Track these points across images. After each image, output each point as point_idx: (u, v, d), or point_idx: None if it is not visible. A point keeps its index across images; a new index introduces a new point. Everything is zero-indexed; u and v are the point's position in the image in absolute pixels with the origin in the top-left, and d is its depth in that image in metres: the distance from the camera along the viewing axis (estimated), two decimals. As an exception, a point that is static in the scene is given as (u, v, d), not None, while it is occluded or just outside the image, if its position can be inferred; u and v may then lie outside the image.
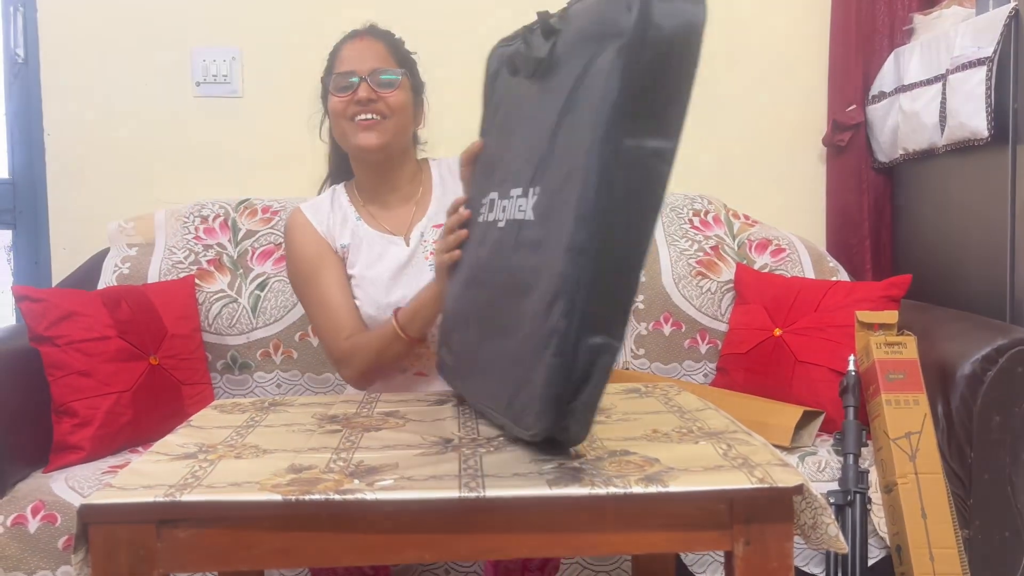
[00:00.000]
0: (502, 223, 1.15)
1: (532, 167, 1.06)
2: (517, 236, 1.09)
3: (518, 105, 1.19)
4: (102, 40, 2.52)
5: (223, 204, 2.37)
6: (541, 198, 1.03)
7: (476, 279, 1.24)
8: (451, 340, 1.33)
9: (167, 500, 0.93)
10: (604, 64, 0.92)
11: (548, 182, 1.02)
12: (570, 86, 0.98)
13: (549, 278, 0.96)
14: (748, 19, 2.63)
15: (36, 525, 1.67)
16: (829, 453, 1.86)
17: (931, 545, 1.66)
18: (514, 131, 1.18)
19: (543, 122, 1.04)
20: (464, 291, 1.28)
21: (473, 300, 1.24)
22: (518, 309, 1.04)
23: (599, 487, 0.94)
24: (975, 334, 1.84)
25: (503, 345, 1.10)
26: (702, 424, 1.21)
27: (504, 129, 1.24)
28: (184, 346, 2.09)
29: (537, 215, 1.04)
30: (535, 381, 0.98)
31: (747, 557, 0.96)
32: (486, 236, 1.22)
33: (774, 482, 0.95)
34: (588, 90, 0.95)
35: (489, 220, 1.21)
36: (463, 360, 1.28)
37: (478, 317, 1.21)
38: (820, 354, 2.06)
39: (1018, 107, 1.93)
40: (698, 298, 2.32)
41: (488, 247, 1.20)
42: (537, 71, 1.08)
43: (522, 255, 1.07)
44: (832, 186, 2.62)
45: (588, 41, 0.96)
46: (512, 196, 1.12)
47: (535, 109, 1.08)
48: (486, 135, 1.34)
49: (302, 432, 1.22)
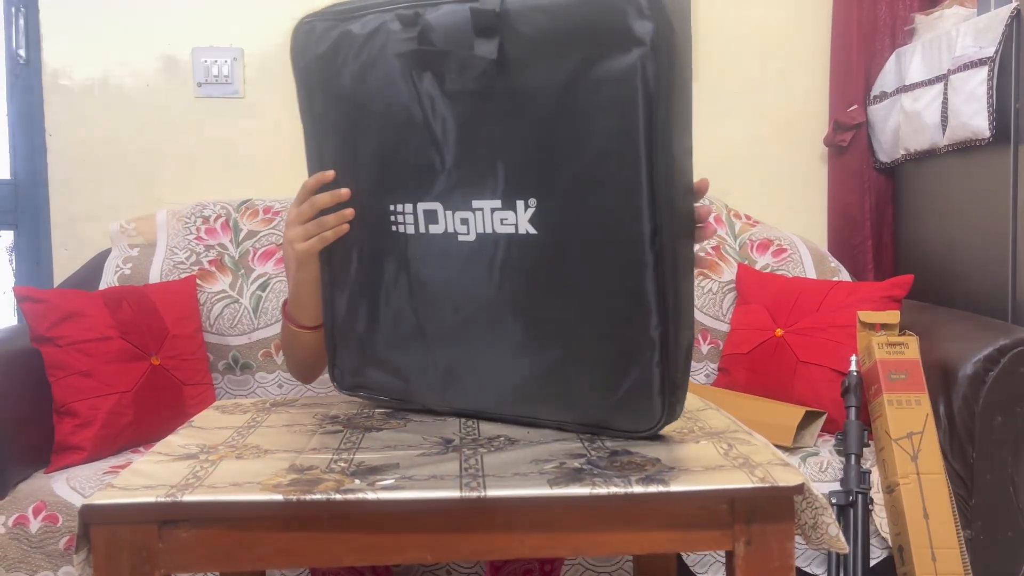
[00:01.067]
0: (468, 236, 1.10)
1: (510, 177, 1.04)
2: (515, 251, 1.07)
3: (427, 106, 1.08)
4: (103, 41, 2.52)
5: (224, 205, 2.37)
6: (543, 210, 1.03)
7: (433, 296, 1.16)
8: (396, 358, 1.23)
9: (168, 500, 0.93)
10: (619, 71, 0.92)
11: (552, 193, 1.02)
12: (555, 93, 0.96)
13: (617, 291, 1.01)
14: (749, 19, 2.63)
15: (37, 525, 1.67)
16: (831, 453, 1.86)
17: (933, 546, 1.66)
18: (423, 134, 1.09)
19: (510, 130, 1.01)
20: (408, 305, 1.18)
21: (438, 315, 1.16)
22: (552, 318, 1.08)
23: (600, 487, 0.94)
24: (977, 334, 1.84)
25: (544, 356, 1.10)
26: (703, 424, 1.21)
27: (390, 128, 1.12)
28: (185, 346, 2.09)
29: (541, 228, 1.04)
30: (640, 387, 1.05)
31: (748, 557, 0.96)
32: (427, 249, 1.14)
33: (775, 482, 0.95)
34: (599, 97, 0.94)
35: (421, 232, 1.14)
36: (447, 374, 1.20)
37: (467, 330, 1.15)
38: (822, 354, 2.06)
39: (1020, 107, 1.93)
40: (699, 298, 2.32)
41: (448, 261, 1.13)
42: (484, 73, 1.00)
43: (534, 269, 1.07)
44: (833, 186, 2.62)
45: (569, 45, 0.94)
46: (480, 208, 1.08)
47: (477, 114, 1.04)
48: (341, 131, 1.19)
49: (303, 432, 1.22)
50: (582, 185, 0.99)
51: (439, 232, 1.13)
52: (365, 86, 1.14)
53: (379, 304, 1.22)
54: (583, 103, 0.96)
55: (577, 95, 0.96)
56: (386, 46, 1.10)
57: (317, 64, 1.19)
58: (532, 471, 1.00)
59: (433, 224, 1.14)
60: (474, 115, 1.05)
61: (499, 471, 1.00)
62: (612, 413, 1.09)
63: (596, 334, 1.05)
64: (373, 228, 1.20)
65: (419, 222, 1.15)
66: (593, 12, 0.93)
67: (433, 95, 1.07)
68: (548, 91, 0.97)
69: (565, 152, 0.99)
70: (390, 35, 1.09)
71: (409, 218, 1.15)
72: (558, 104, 0.97)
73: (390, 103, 1.12)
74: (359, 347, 1.27)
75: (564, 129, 0.98)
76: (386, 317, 1.22)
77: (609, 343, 1.05)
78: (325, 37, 1.17)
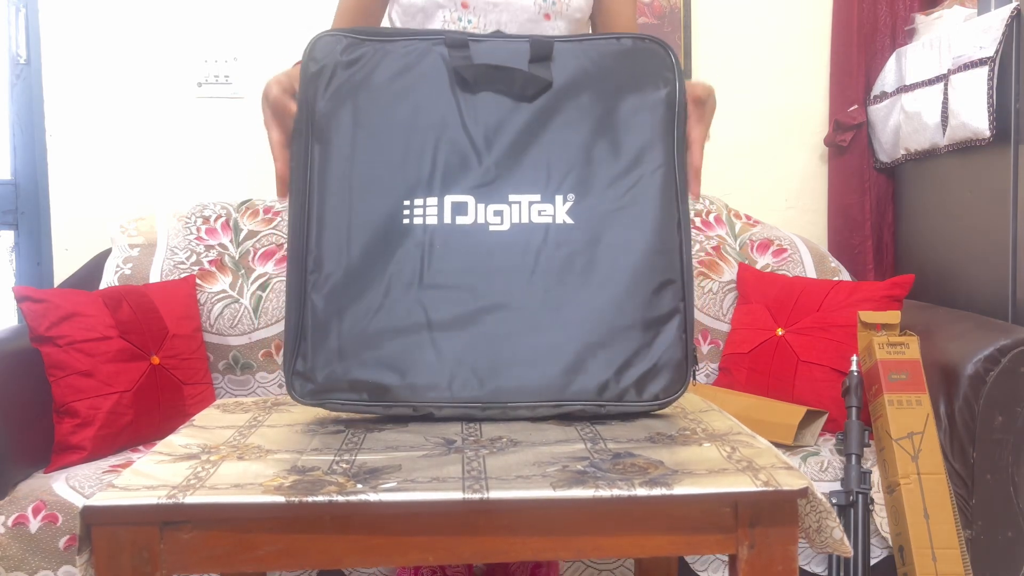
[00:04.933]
0: (501, 227, 1.18)
1: (553, 176, 1.18)
2: (552, 237, 1.17)
3: (465, 111, 1.20)
4: (104, 41, 2.52)
5: (225, 205, 2.37)
6: (581, 205, 1.17)
7: (452, 285, 1.18)
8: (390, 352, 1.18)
9: (170, 502, 0.93)
10: (653, 101, 1.20)
11: (590, 192, 1.17)
12: (598, 114, 1.19)
13: (642, 270, 1.16)
14: (749, 19, 2.63)
15: (37, 525, 1.67)
16: (832, 453, 1.86)
17: (934, 545, 1.66)
18: (456, 135, 1.20)
19: (557, 138, 1.19)
20: (416, 295, 1.18)
21: (452, 305, 1.18)
22: (586, 299, 1.16)
23: (603, 489, 0.94)
24: (977, 334, 1.84)
25: (577, 334, 1.15)
26: (706, 426, 1.21)
27: (417, 130, 1.20)
28: (185, 346, 2.09)
29: (578, 218, 1.17)
30: (658, 356, 1.16)
31: (751, 561, 0.95)
32: (451, 238, 1.18)
33: (779, 485, 0.95)
34: (638, 118, 1.19)
35: (445, 223, 1.18)
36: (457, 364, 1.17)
37: (488, 319, 1.17)
38: (822, 354, 2.06)
39: (1020, 107, 1.93)
40: (700, 298, 2.32)
41: (477, 250, 1.18)
42: (538, 92, 1.20)
43: (567, 255, 1.17)
44: (834, 186, 2.62)
45: (609, 78, 1.21)
46: (517, 202, 1.18)
47: (529, 124, 1.20)
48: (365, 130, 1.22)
49: (305, 432, 1.21)
50: (618, 184, 1.17)
51: (468, 223, 1.18)
52: (390, 92, 1.21)
53: (373, 298, 1.19)
54: (623, 122, 1.19)
55: (619, 115, 1.19)
56: (428, 60, 1.21)
57: (337, 67, 1.22)
58: (535, 473, 0.99)
59: (461, 216, 1.18)
60: (525, 124, 1.19)
61: (502, 473, 0.99)
62: (642, 382, 1.16)
63: (630, 310, 1.15)
64: (375, 226, 1.19)
65: (444, 214, 1.18)
66: (636, 62, 1.21)
67: (476, 104, 1.20)
68: (594, 111, 1.19)
69: (606, 158, 1.18)
70: (436, 53, 1.21)
71: (432, 211, 1.18)
72: (601, 122, 1.19)
73: (419, 107, 1.20)
74: (338, 345, 1.20)
75: (605, 142, 1.19)
76: (382, 310, 1.19)
77: (641, 316, 1.15)
78: (354, 48, 1.22)
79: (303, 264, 1.20)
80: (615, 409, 1.17)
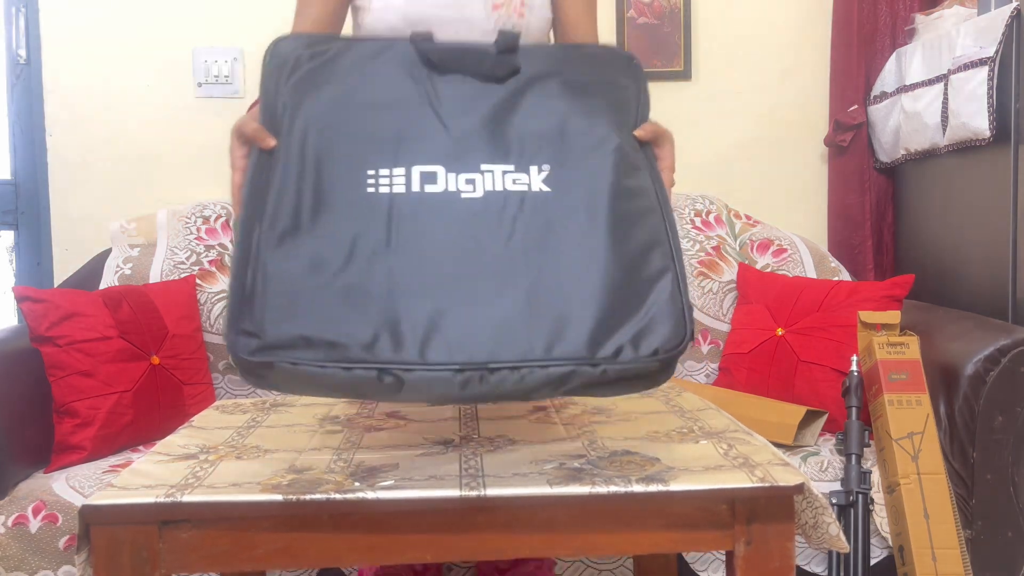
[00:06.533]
0: (474, 194, 1.12)
1: (527, 149, 1.15)
2: (528, 204, 1.12)
3: (430, 91, 1.18)
4: (104, 41, 2.52)
5: (225, 205, 2.37)
6: (557, 173, 1.14)
7: (422, 250, 1.11)
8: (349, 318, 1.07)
9: (169, 501, 0.93)
10: (622, 86, 1.22)
11: (565, 162, 1.14)
12: (569, 95, 1.18)
13: (632, 234, 1.12)
14: (750, 19, 2.63)
15: (37, 525, 1.67)
16: (832, 453, 1.86)
17: (934, 545, 1.66)
18: (422, 111, 1.17)
19: (533, 113, 1.17)
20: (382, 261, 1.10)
21: (424, 270, 1.10)
22: (556, 265, 1.10)
23: (600, 486, 0.94)
24: (978, 334, 1.84)
25: (560, 297, 1.07)
26: (703, 424, 1.21)
27: (379, 107, 1.18)
28: (185, 346, 2.09)
29: (555, 187, 1.13)
30: (652, 311, 1.07)
31: (748, 557, 0.96)
32: (420, 206, 1.12)
33: (775, 481, 0.95)
34: (609, 98, 1.20)
35: (414, 191, 1.12)
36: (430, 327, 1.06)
37: (463, 284, 1.09)
38: (823, 354, 2.06)
39: (1020, 107, 1.93)
40: (700, 298, 2.32)
41: (448, 217, 1.12)
42: (507, 75, 1.19)
43: (545, 221, 1.12)
44: (834, 186, 2.62)
45: (577, 69, 1.22)
46: (489, 171, 1.14)
47: (499, 102, 1.18)
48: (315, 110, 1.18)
49: (303, 432, 1.22)
50: (593, 153, 1.14)
51: (438, 191, 1.12)
52: (352, 76, 1.19)
53: (333, 259, 1.10)
54: (594, 101, 1.18)
55: (590, 95, 1.19)
56: (395, 48, 1.20)
57: (300, 59, 1.20)
58: (532, 471, 1.00)
59: (431, 184, 1.12)
60: (496, 102, 1.16)
61: (499, 471, 1.00)
62: (638, 338, 1.05)
63: (615, 271, 1.09)
64: (336, 192, 1.13)
65: (411, 183, 1.12)
66: (603, 60, 1.24)
67: (444, 83, 1.17)
68: (565, 92, 1.18)
69: (580, 133, 1.16)
70: (403, 43, 1.20)
71: (399, 179, 1.13)
72: (573, 102, 1.17)
73: (385, 86, 1.18)
74: (292, 302, 1.07)
75: (578, 117, 1.16)
76: (343, 273, 1.09)
77: (628, 275, 1.09)
78: (319, 43, 1.22)
79: (254, 224, 1.11)
80: (614, 370, 1.03)
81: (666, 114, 1.29)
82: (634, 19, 2.58)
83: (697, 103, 2.60)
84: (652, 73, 2.55)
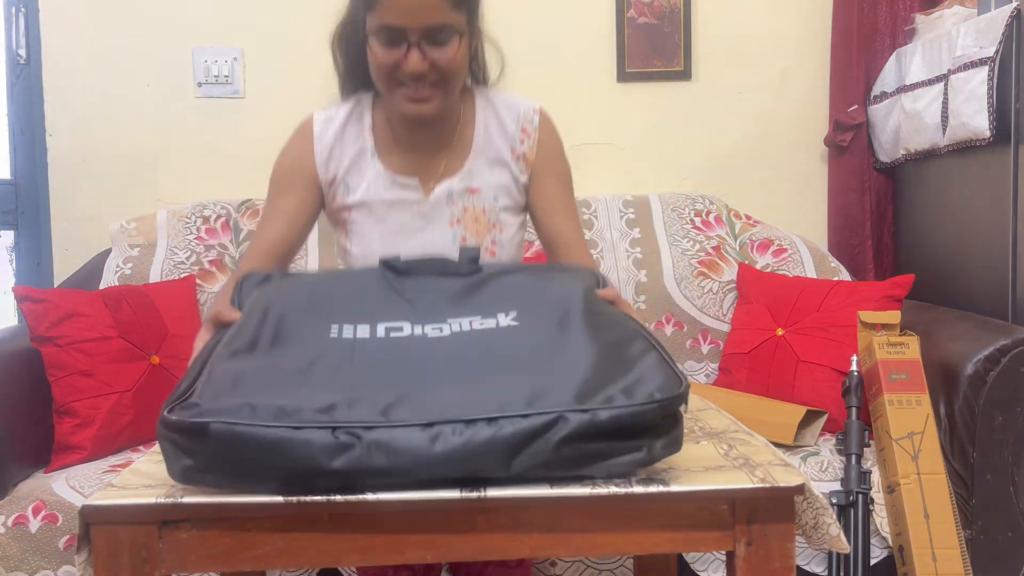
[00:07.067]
0: (443, 334, 1.10)
1: (496, 307, 1.15)
2: (501, 336, 1.10)
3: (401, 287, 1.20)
4: (104, 41, 2.52)
5: (225, 205, 2.37)
6: (524, 315, 1.13)
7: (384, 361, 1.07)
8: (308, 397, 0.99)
9: (169, 501, 0.93)
10: (580, 276, 1.23)
11: (530, 308, 1.14)
12: (531, 280, 1.22)
13: (607, 331, 1.10)
14: (750, 19, 2.63)
15: (37, 525, 1.67)
16: (832, 453, 1.86)
17: (933, 545, 1.66)
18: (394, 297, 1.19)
19: (497, 290, 1.20)
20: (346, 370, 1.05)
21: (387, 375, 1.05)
22: (531, 368, 1.04)
23: (600, 487, 0.94)
24: (977, 334, 1.84)
25: (539, 379, 1.01)
26: (703, 424, 1.21)
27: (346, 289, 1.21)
28: (185, 346, 2.08)
29: (524, 322, 1.11)
30: (641, 374, 1.00)
31: (749, 557, 0.96)
32: (383, 344, 1.09)
33: (775, 482, 0.95)
34: (569, 277, 1.23)
35: (379, 337, 1.09)
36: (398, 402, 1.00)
37: (431, 380, 1.03)
38: (823, 354, 2.06)
39: (1020, 107, 1.93)
40: (700, 298, 2.32)
41: (412, 351, 1.08)
42: (470, 272, 1.22)
43: (516, 346, 1.08)
44: (834, 186, 2.62)
45: (538, 270, 1.31)
46: (456, 322, 1.13)
47: (455, 288, 1.20)
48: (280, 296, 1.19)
49: (303, 432, 1.21)
50: (561, 297, 1.15)
51: (403, 336, 1.10)
52: (319, 276, 1.33)
53: (288, 365, 1.04)
54: (558, 273, 1.24)
55: (554, 272, 1.25)
56: (363, 269, 1.27)
57: (271, 275, 1.28)
58: (532, 471, 0.99)
59: (396, 332, 1.10)
60: (459, 289, 1.19)
61: (499, 471, 0.99)
62: (631, 389, 0.97)
63: (597, 351, 1.04)
64: (298, 334, 1.10)
65: (376, 332, 1.10)
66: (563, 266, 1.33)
67: (408, 280, 1.20)
68: (529, 273, 1.24)
69: (546, 288, 1.19)
70: (370, 268, 1.24)
71: (363, 330, 1.10)
72: (536, 276, 1.23)
73: (348, 282, 1.23)
74: (237, 383, 0.98)
75: (543, 282, 1.21)
76: (298, 373, 1.02)
77: (611, 354, 1.04)
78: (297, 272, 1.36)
79: (211, 351, 1.07)
80: (607, 415, 0.94)
81: (666, 114, 1.29)
82: (634, 19, 2.58)
83: (697, 103, 2.60)
84: (652, 73, 2.55)
